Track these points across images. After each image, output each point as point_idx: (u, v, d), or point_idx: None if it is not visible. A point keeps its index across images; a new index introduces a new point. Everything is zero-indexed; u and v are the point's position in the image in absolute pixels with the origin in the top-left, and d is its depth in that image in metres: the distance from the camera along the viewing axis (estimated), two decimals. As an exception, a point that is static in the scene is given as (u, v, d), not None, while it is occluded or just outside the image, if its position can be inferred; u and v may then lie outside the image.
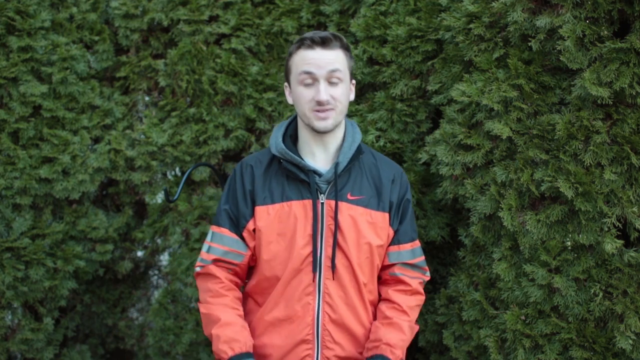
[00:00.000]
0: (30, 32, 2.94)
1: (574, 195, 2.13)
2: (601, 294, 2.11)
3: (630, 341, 2.07)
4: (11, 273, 2.86)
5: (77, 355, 3.33)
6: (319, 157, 2.02)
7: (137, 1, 3.26)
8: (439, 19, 2.66)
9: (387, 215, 2.03)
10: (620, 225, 2.12)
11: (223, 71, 3.20)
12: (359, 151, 2.02)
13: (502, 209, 2.28)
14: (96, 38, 3.22)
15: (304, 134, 2.02)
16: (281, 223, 1.97)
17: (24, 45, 2.92)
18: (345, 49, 1.96)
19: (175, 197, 2.47)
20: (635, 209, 2.08)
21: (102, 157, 3.13)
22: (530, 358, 2.24)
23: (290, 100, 2.01)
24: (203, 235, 3.22)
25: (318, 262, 1.95)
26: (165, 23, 3.24)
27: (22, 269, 2.89)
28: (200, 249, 3.21)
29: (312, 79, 1.90)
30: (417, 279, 2.10)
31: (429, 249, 2.84)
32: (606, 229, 2.11)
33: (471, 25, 2.41)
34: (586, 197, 2.11)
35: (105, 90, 3.26)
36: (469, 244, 2.53)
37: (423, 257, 2.14)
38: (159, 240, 3.44)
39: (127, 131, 3.26)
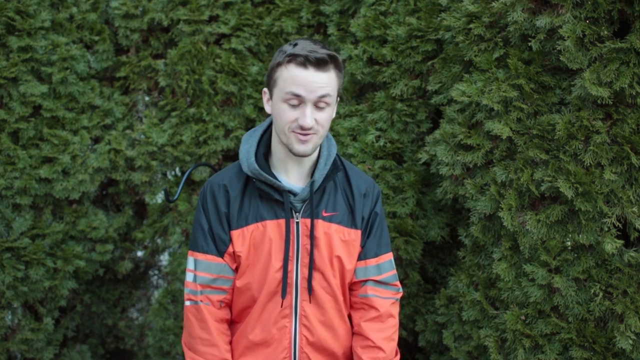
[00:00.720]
0: (30, 32, 2.94)
1: (574, 195, 2.13)
2: (601, 294, 2.11)
3: (630, 341, 2.07)
4: (11, 273, 2.86)
5: (77, 355, 3.33)
6: (292, 173, 1.91)
7: (137, 1, 3.26)
8: (439, 19, 2.66)
9: (359, 232, 1.95)
10: (620, 225, 2.12)
11: (223, 71, 3.20)
12: (334, 167, 1.92)
13: (502, 209, 2.28)
14: (96, 38, 3.22)
15: (278, 149, 1.90)
16: (256, 244, 1.89)
17: (24, 45, 2.92)
18: (339, 69, 1.82)
19: (175, 197, 2.46)
20: (635, 209, 2.08)
21: (102, 157, 3.13)
22: (530, 358, 2.24)
23: (268, 110, 1.87)
24: (203, 235, 3.21)
25: (294, 284, 1.89)
26: (165, 23, 3.24)
27: (22, 269, 2.89)
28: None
29: (298, 101, 1.76)
30: (389, 299, 1.99)
31: (429, 249, 2.84)
32: (606, 229, 2.11)
33: (471, 25, 2.41)
34: (586, 197, 2.11)
35: (105, 90, 3.26)
36: (469, 244, 2.53)
37: (392, 272, 2.02)
38: (159, 240, 3.44)
39: (127, 131, 3.25)
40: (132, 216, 3.37)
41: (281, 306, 1.90)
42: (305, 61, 1.74)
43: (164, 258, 3.75)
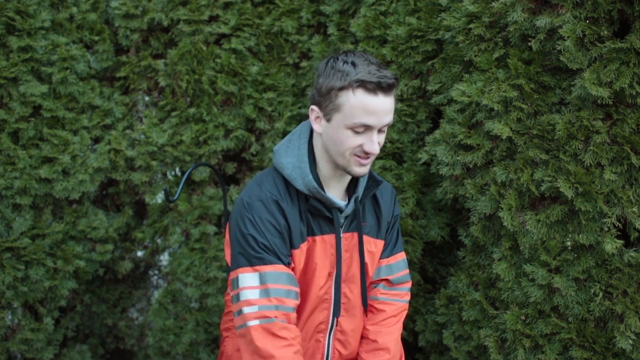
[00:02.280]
0: (30, 32, 2.94)
1: (574, 195, 2.13)
2: (601, 294, 2.11)
3: (630, 341, 2.07)
4: (11, 273, 2.85)
5: (77, 355, 3.33)
6: (334, 188, 1.85)
7: (137, 1, 3.26)
8: (439, 19, 2.66)
9: (382, 243, 1.97)
10: (620, 225, 2.12)
11: (223, 71, 3.20)
12: (372, 179, 1.89)
13: (502, 209, 2.28)
14: (96, 38, 3.21)
15: (324, 166, 1.82)
16: (307, 261, 1.84)
17: (24, 45, 2.92)
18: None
19: (175, 197, 2.46)
20: (635, 209, 2.08)
21: (102, 157, 3.13)
22: (530, 358, 2.24)
23: (318, 130, 1.77)
24: (203, 235, 3.21)
25: (332, 299, 1.88)
26: (165, 23, 3.24)
27: (22, 269, 2.89)
28: (200, 249, 3.20)
29: (365, 129, 1.69)
30: (398, 302, 2.01)
31: (429, 249, 2.84)
32: (606, 229, 2.11)
33: (471, 25, 2.41)
34: (586, 197, 2.11)
35: (105, 90, 3.26)
36: (469, 244, 2.53)
37: (405, 271, 2.03)
38: (159, 240, 3.43)
39: (127, 131, 3.25)
40: (132, 216, 3.37)
41: (323, 319, 1.88)
42: (377, 88, 1.65)
43: (164, 258, 3.75)
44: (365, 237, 1.91)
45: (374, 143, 1.69)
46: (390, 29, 2.81)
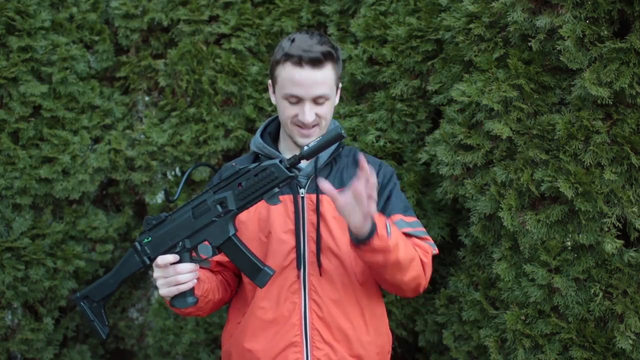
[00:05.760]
0: (30, 32, 2.94)
1: (574, 195, 2.13)
2: (601, 294, 2.11)
3: (630, 341, 2.07)
4: (11, 273, 2.86)
5: (77, 355, 3.33)
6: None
7: (137, 1, 3.26)
8: (439, 19, 2.66)
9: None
10: (620, 225, 2.12)
11: (223, 71, 3.20)
12: (340, 145, 1.97)
13: (502, 209, 2.28)
14: (96, 38, 3.21)
15: (283, 136, 1.98)
16: (261, 220, 1.91)
17: (24, 45, 2.92)
18: (335, 61, 1.85)
19: (175, 197, 2.45)
20: (635, 209, 2.08)
21: (102, 157, 3.13)
22: (530, 358, 2.24)
23: (273, 100, 1.96)
24: (203, 235, 3.21)
25: (301, 258, 1.87)
26: (165, 23, 3.24)
27: (22, 269, 2.89)
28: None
29: (297, 100, 1.83)
30: (419, 249, 1.88)
31: (429, 249, 2.84)
32: (606, 229, 2.11)
33: (471, 25, 2.41)
34: (586, 197, 2.11)
35: (105, 90, 3.26)
36: (469, 244, 2.53)
37: (424, 229, 1.94)
38: (159, 240, 3.42)
39: (127, 131, 3.25)
40: (132, 216, 3.37)
41: (295, 279, 1.87)
42: (300, 61, 1.78)
43: (164, 258, 3.74)
44: None
45: (305, 113, 1.81)
46: (390, 29, 2.81)
